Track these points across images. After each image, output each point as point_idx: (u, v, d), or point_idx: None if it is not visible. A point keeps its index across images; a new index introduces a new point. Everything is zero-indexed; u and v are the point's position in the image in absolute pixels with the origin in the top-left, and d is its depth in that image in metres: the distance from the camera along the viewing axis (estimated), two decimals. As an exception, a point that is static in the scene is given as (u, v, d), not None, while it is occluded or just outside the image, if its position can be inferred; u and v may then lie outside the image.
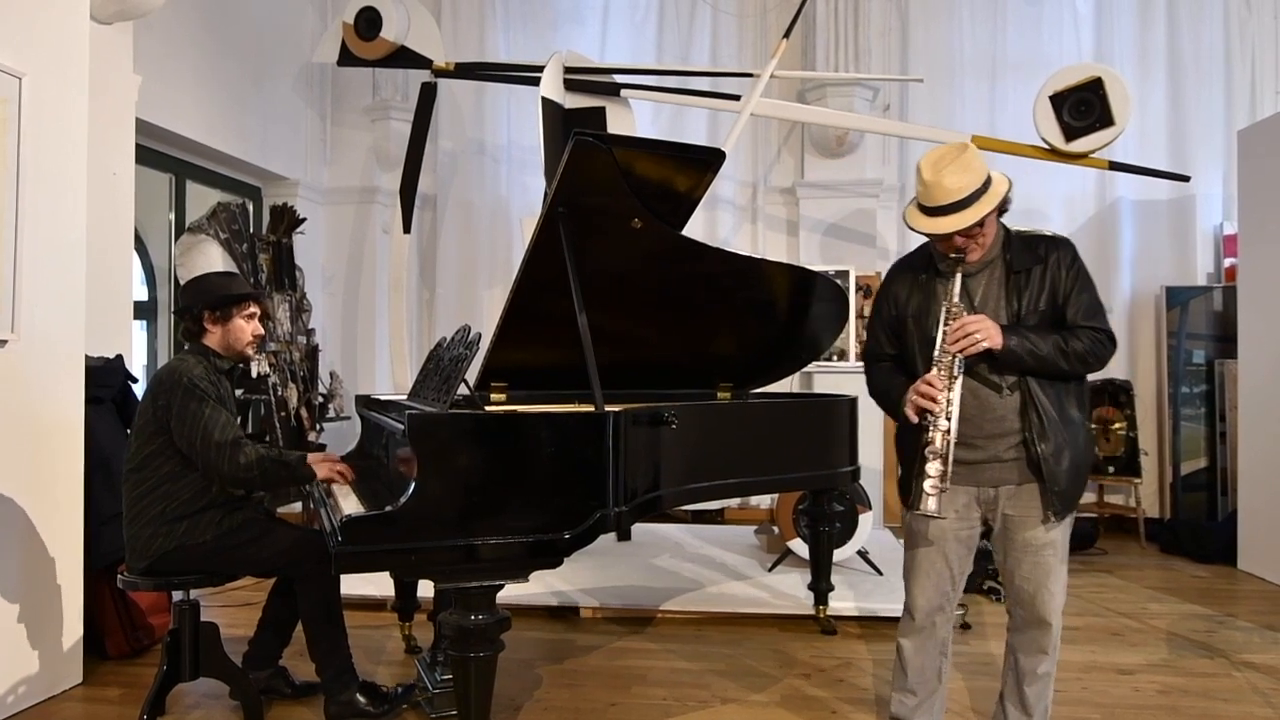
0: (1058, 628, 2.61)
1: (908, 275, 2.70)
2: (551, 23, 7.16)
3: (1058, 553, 2.57)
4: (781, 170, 7.15)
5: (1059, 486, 2.48)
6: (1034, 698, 2.65)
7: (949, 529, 2.62)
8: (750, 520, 6.68)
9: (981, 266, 2.56)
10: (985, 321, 2.43)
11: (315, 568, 3.05)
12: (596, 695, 3.50)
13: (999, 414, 2.52)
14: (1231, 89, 6.60)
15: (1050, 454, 2.47)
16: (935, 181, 2.40)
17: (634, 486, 2.79)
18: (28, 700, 3.36)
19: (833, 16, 6.68)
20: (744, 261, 3.59)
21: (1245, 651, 4.03)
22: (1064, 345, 2.45)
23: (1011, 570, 2.62)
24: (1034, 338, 2.45)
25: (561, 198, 2.92)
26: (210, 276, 3.39)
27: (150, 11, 4.42)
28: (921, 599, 2.69)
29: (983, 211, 2.39)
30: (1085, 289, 2.53)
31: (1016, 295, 2.53)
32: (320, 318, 6.92)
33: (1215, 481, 6.24)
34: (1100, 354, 2.49)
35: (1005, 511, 2.58)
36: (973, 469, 2.56)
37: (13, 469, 3.34)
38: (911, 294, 2.65)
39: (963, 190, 2.39)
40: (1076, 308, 2.50)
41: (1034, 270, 2.52)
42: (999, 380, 2.51)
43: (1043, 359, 2.44)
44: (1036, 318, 2.51)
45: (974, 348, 2.41)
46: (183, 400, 2.98)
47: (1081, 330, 2.48)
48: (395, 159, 6.65)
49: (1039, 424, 2.47)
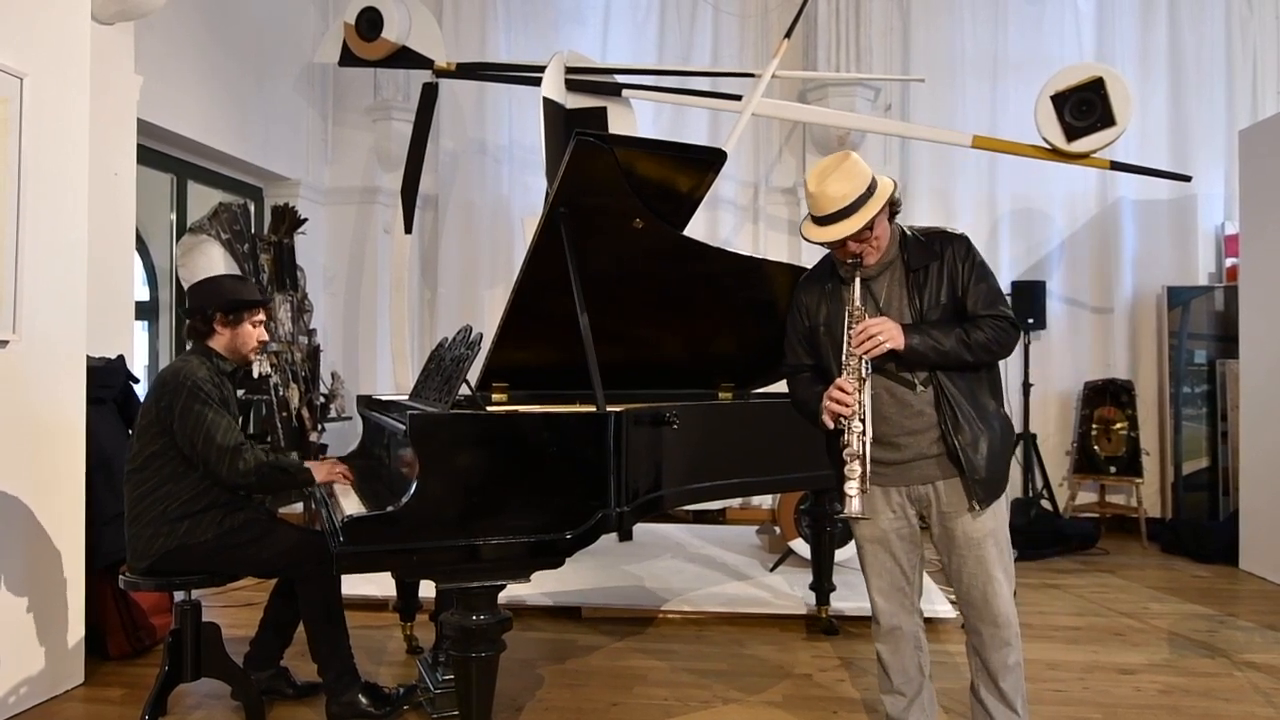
0: (1013, 616, 2.61)
1: (815, 286, 2.74)
2: (553, 23, 7.15)
3: (998, 543, 2.59)
4: (783, 170, 7.14)
5: (979, 475, 2.51)
6: (1011, 690, 2.65)
7: (890, 529, 2.65)
8: (752, 520, 6.68)
9: (881, 269, 2.61)
10: (886, 323, 2.48)
11: (316, 568, 3.06)
12: (598, 695, 3.50)
13: (916, 409, 2.56)
14: (1233, 89, 6.60)
15: (967, 444, 2.50)
16: (820, 191, 2.47)
17: (635, 486, 2.79)
18: (29, 700, 3.36)
19: (834, 16, 6.68)
20: (745, 261, 3.59)
21: (1247, 651, 4.02)
22: (966, 337, 2.49)
23: (958, 570, 2.63)
24: (936, 333, 2.49)
25: (563, 198, 2.92)
26: (223, 279, 3.40)
27: (151, 12, 4.42)
28: (881, 600, 2.72)
29: (869, 215, 2.45)
30: (982, 279, 2.57)
31: (917, 293, 2.58)
32: (321, 318, 6.92)
33: (1217, 481, 6.24)
34: (1004, 340, 2.53)
35: (941, 509, 2.60)
36: (901, 469, 2.60)
37: (14, 469, 3.34)
38: (820, 304, 2.69)
39: (847, 197, 2.44)
40: (975, 298, 2.55)
41: (931, 266, 2.58)
42: (911, 377, 2.55)
43: (946, 353, 2.49)
44: (939, 312, 2.56)
45: (877, 349, 2.46)
46: (185, 402, 2.98)
47: (983, 320, 2.52)
48: (396, 159, 6.64)
49: (953, 416, 2.51)
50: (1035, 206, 6.74)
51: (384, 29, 5.74)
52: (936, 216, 6.80)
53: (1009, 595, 2.61)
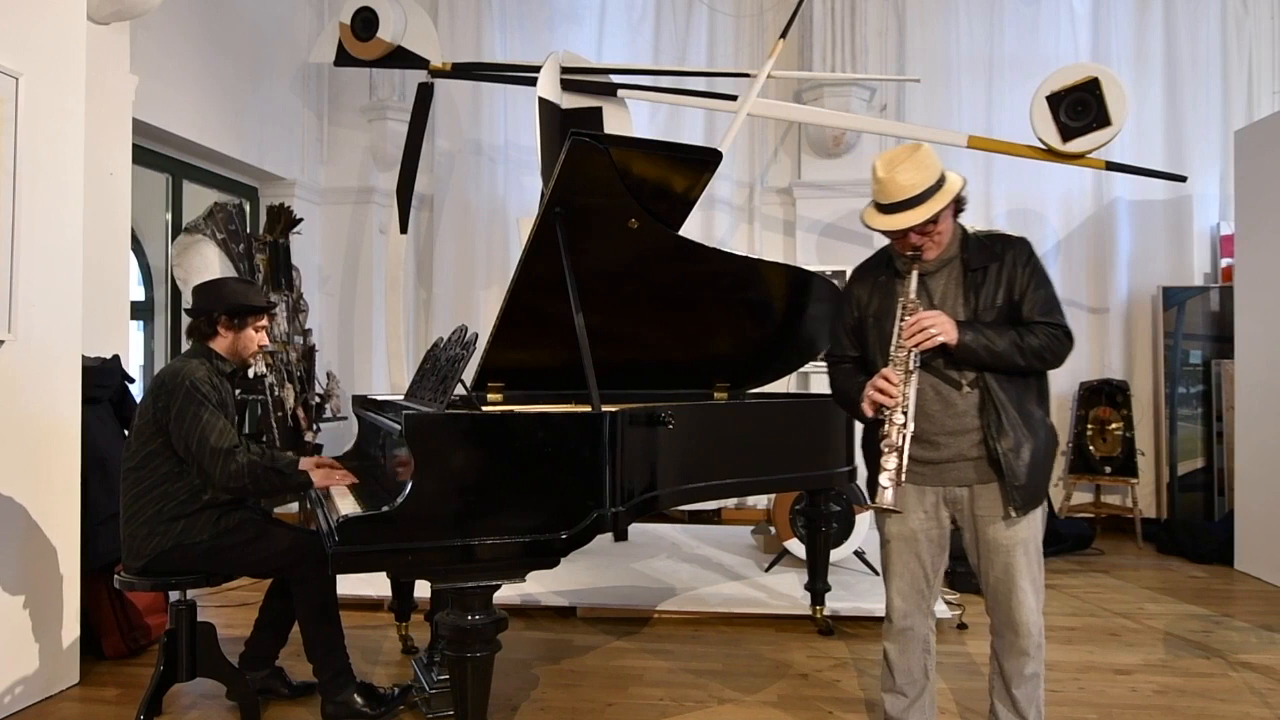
0: (1037, 627, 2.60)
1: (868, 278, 2.72)
2: (548, 23, 7.15)
3: (1028, 552, 2.57)
4: (778, 170, 7.15)
5: (1019, 481, 2.48)
6: (1024, 700, 2.64)
7: (919, 530, 2.64)
8: (747, 520, 6.68)
9: (939, 265, 2.58)
10: (941, 316, 2.45)
11: (312, 568, 3.05)
12: (593, 695, 3.50)
13: (960, 410, 2.53)
14: (1228, 89, 6.61)
15: (1009, 449, 2.47)
16: (889, 178, 2.44)
17: (631, 487, 2.79)
18: (25, 700, 3.36)
19: (830, 16, 6.69)
20: (741, 262, 3.59)
21: (1242, 651, 4.03)
22: (1020, 341, 2.46)
23: (985, 573, 2.63)
24: (990, 333, 2.46)
25: (558, 198, 2.92)
26: (230, 282, 3.40)
27: (147, 12, 4.42)
28: (898, 600, 2.71)
29: (936, 207, 2.43)
30: (1041, 285, 2.54)
31: (974, 292, 2.55)
32: (317, 318, 6.92)
33: (1212, 481, 6.25)
34: (1057, 350, 2.50)
35: (975, 513, 2.58)
36: (938, 469, 2.58)
37: (9, 469, 3.33)
38: (872, 296, 2.67)
39: (916, 187, 2.42)
40: (1033, 304, 2.52)
41: (990, 268, 2.55)
42: (958, 376, 2.53)
43: (999, 354, 2.46)
44: (993, 314, 2.53)
45: (929, 342, 2.43)
46: (183, 402, 2.98)
47: (1038, 326, 2.50)
48: (392, 159, 6.65)
49: (997, 420, 2.49)
50: (1030, 207, 6.75)
51: (379, 29, 5.75)
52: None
53: (1035, 606, 2.58)
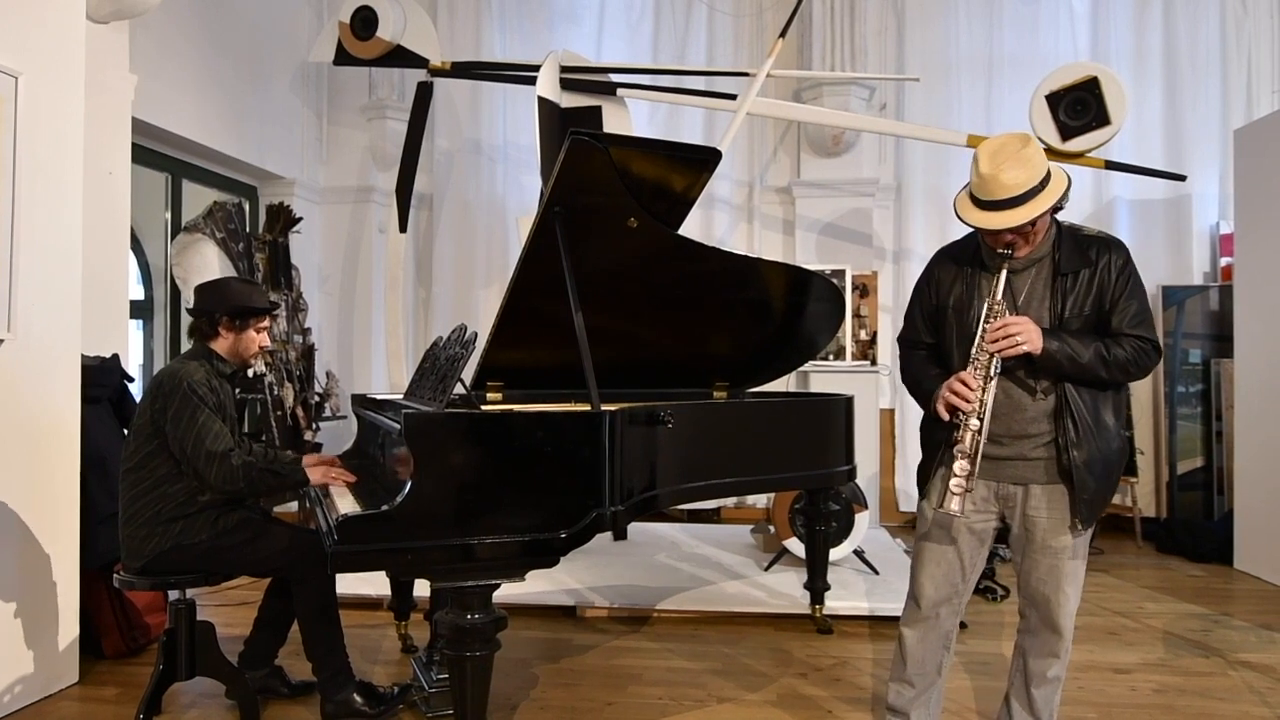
0: (1070, 632, 2.59)
1: (951, 265, 2.63)
2: (547, 22, 7.16)
3: (1075, 556, 2.53)
4: (777, 169, 7.15)
5: (1088, 494, 2.44)
6: (1042, 701, 2.63)
7: (962, 521, 2.57)
8: (746, 519, 6.69)
9: (1028, 263, 2.49)
10: (1027, 324, 2.37)
11: (311, 567, 3.05)
12: (593, 694, 3.50)
13: (1030, 415, 2.48)
14: (1228, 88, 6.61)
15: (1083, 461, 2.42)
16: (992, 175, 2.32)
17: (630, 486, 2.79)
18: (24, 700, 3.36)
19: (829, 16, 6.69)
20: (740, 261, 3.59)
21: (1241, 650, 4.03)
22: (1106, 353, 2.39)
23: (1028, 572, 2.59)
24: (1075, 344, 2.38)
25: (557, 197, 2.92)
26: (232, 283, 3.39)
27: (146, 11, 4.41)
28: (930, 587, 2.66)
29: (1038, 210, 2.32)
30: (1134, 296, 2.44)
31: (1061, 297, 2.46)
32: (316, 317, 6.92)
33: (1211, 481, 6.25)
34: (1143, 364, 2.43)
35: (1027, 513, 2.54)
36: (996, 464, 2.52)
37: (8, 469, 3.33)
38: (954, 284, 2.58)
39: (1020, 187, 2.30)
40: (1123, 315, 2.43)
41: (1082, 273, 2.45)
42: (1034, 384, 2.47)
43: (1083, 366, 2.38)
44: (1079, 322, 2.44)
45: (1013, 350, 2.36)
46: (179, 404, 2.98)
47: (1125, 338, 2.41)
48: (391, 158, 6.65)
49: (1074, 431, 2.42)
50: (1030, 206, 6.73)
51: (379, 28, 5.74)
52: (931, 216, 6.82)
53: (1073, 611, 2.57)
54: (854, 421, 3.97)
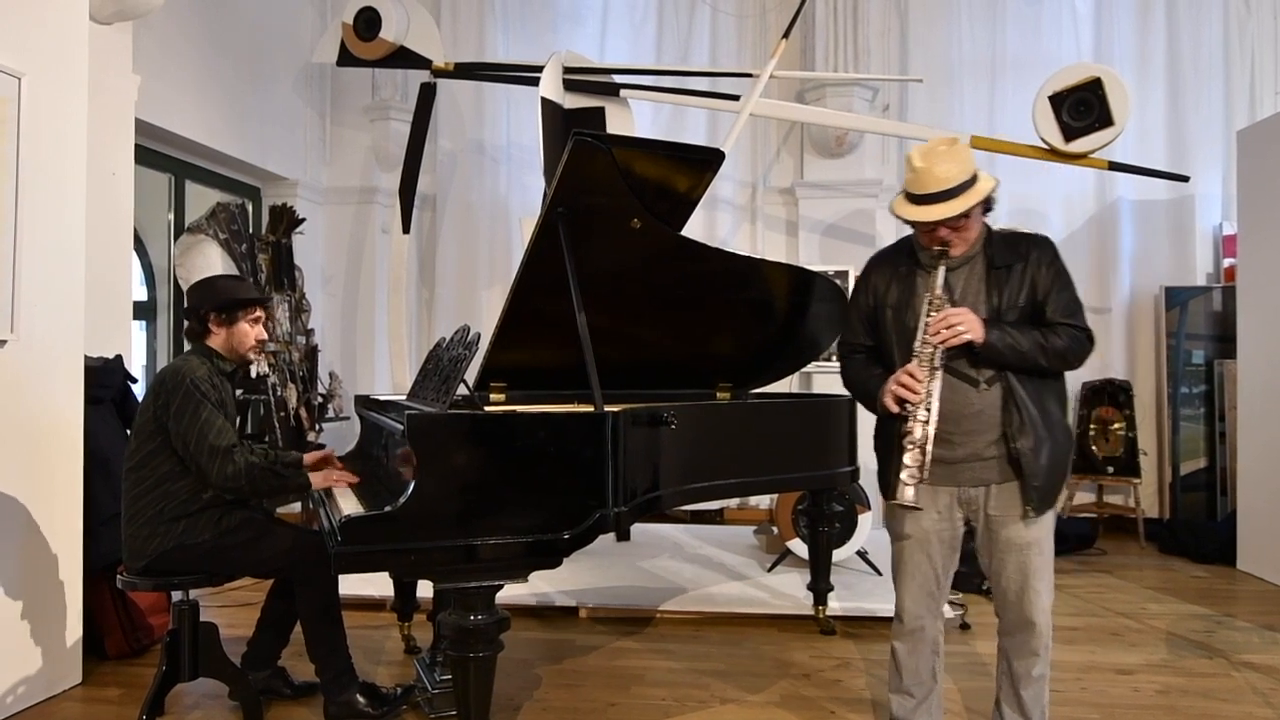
0: (1047, 628, 2.60)
1: (887, 267, 2.71)
2: (550, 23, 7.15)
3: (1042, 552, 2.57)
4: (781, 170, 7.15)
5: (1037, 481, 2.49)
6: (1030, 700, 2.64)
7: (931, 530, 2.64)
8: (749, 520, 6.68)
9: (963, 261, 2.58)
10: (968, 314, 2.45)
11: (314, 568, 3.05)
12: (596, 695, 3.50)
13: (977, 409, 2.53)
14: (1231, 89, 6.60)
15: (1029, 449, 2.48)
16: (925, 169, 2.43)
17: (633, 486, 2.79)
18: (27, 700, 3.36)
19: (832, 17, 6.68)
20: (743, 262, 3.59)
21: (1244, 652, 4.03)
22: (1044, 341, 2.47)
23: (997, 572, 2.63)
24: (1015, 333, 2.47)
25: (561, 198, 2.92)
26: (217, 279, 3.40)
27: (149, 12, 4.42)
28: (909, 601, 2.71)
29: (970, 202, 2.43)
30: (1065, 287, 2.55)
31: (997, 291, 2.55)
32: (319, 318, 6.92)
33: (1214, 481, 6.24)
34: (1079, 352, 2.52)
35: (989, 513, 2.58)
36: (953, 469, 2.57)
37: (12, 469, 3.34)
38: (891, 285, 2.66)
39: (951, 180, 2.42)
40: (1056, 305, 2.52)
41: (1015, 267, 2.55)
42: (975, 375, 2.53)
43: (1023, 354, 2.46)
44: (1015, 314, 2.53)
45: (956, 339, 2.43)
46: (182, 401, 2.98)
47: (1060, 327, 2.50)
48: (394, 159, 6.64)
49: (1019, 419, 2.49)
50: (1033, 207, 6.73)
51: (382, 29, 5.75)
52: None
53: (1046, 606, 2.59)
54: (857, 422, 3.95)
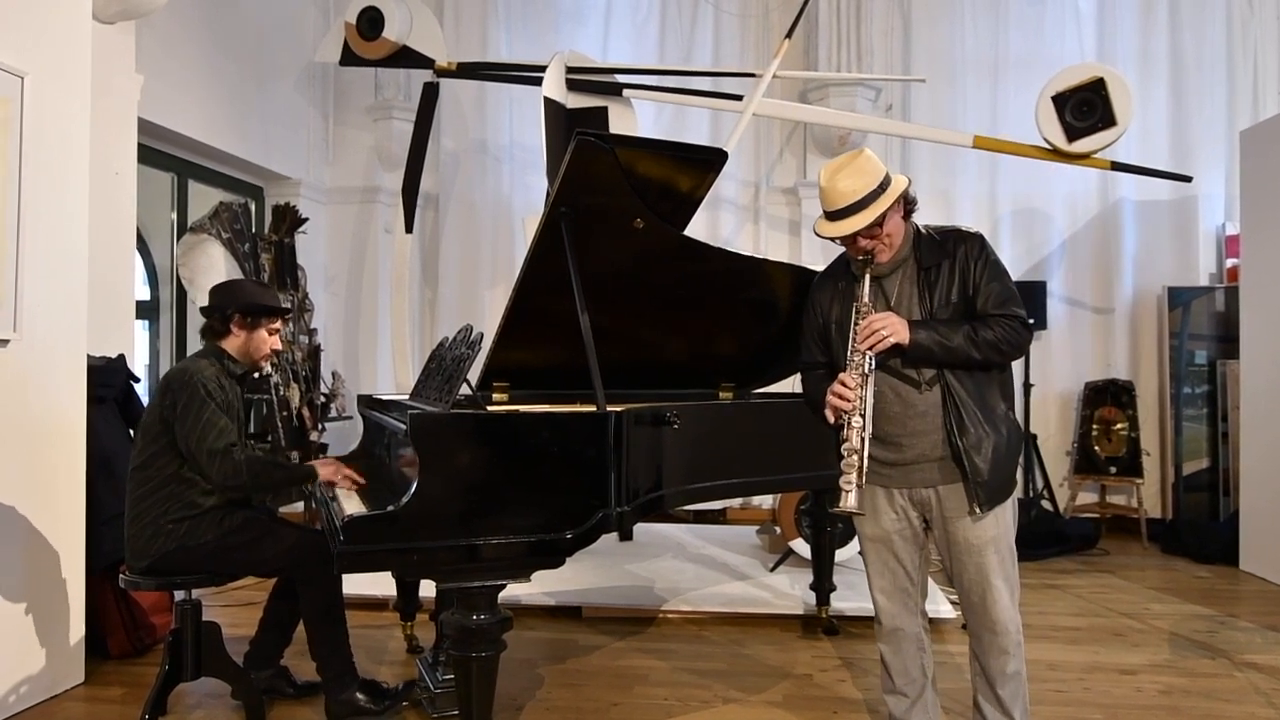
0: (1014, 624, 2.59)
1: (829, 284, 2.75)
2: (553, 23, 7.15)
3: (999, 550, 2.56)
4: (784, 170, 7.15)
5: (981, 478, 2.49)
6: (1009, 698, 2.64)
7: (892, 530, 2.65)
8: (752, 520, 6.68)
9: (894, 267, 2.60)
10: (891, 318, 2.47)
11: (317, 568, 3.05)
12: (598, 695, 3.50)
13: (921, 410, 2.54)
14: (1234, 89, 6.59)
15: (971, 445, 2.49)
16: (830, 186, 2.48)
17: (636, 486, 2.79)
18: (30, 699, 3.36)
19: (835, 16, 6.68)
20: (746, 262, 3.59)
21: (1247, 652, 4.02)
22: (974, 335, 2.47)
23: (959, 575, 2.63)
24: (943, 329, 2.48)
25: (564, 198, 2.92)
26: (245, 283, 3.42)
27: (152, 11, 4.42)
28: (882, 599, 2.73)
29: (879, 210, 2.45)
30: (995, 278, 2.55)
31: (928, 291, 2.57)
32: (322, 317, 6.93)
33: (1217, 482, 6.24)
34: (1014, 340, 2.51)
35: (944, 514, 2.59)
36: (903, 471, 2.59)
37: (14, 469, 3.34)
38: (833, 302, 2.69)
39: (857, 192, 2.45)
40: (986, 297, 2.53)
41: (943, 265, 2.57)
42: (916, 376, 2.54)
43: (953, 350, 2.47)
44: (949, 311, 2.54)
45: (881, 344, 2.45)
46: (187, 401, 2.99)
47: (992, 319, 2.50)
48: (397, 159, 6.64)
49: (958, 417, 2.50)
50: (1036, 207, 6.74)
51: (385, 28, 5.75)
52: (937, 217, 6.79)
53: (1009, 603, 2.58)
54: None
